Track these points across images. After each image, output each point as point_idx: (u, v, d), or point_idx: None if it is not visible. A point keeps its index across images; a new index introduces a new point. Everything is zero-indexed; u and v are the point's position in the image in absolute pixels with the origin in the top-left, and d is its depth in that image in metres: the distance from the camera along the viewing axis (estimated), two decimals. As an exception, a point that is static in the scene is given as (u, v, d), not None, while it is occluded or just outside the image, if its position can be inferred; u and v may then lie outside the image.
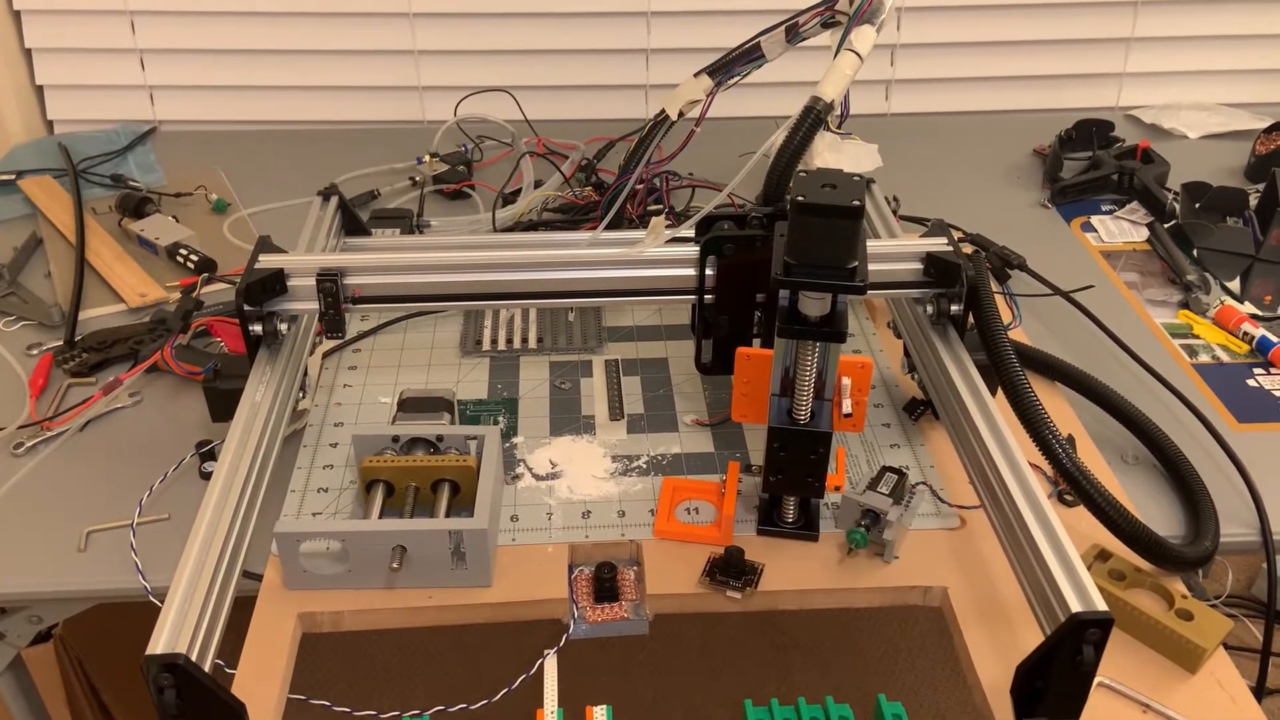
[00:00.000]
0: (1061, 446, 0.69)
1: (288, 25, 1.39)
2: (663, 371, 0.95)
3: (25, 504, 0.83)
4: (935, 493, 0.80)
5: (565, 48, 1.43)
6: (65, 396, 0.93)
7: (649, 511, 0.79)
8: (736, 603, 0.73)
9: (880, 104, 1.49)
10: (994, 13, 1.44)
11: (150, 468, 0.84)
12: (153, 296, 1.06)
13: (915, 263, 0.82)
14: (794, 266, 0.67)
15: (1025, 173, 1.34)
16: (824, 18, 0.91)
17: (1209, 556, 0.74)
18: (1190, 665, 0.68)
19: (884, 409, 0.90)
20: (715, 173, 1.18)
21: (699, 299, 0.84)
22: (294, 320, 0.84)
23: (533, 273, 0.83)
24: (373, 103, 1.45)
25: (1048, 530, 0.65)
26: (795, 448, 0.73)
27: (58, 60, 1.41)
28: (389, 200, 1.25)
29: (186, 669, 0.56)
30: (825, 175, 0.66)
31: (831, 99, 0.80)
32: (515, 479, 0.83)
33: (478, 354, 0.97)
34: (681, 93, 0.97)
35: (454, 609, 0.73)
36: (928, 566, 0.75)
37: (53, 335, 1.01)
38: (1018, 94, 1.50)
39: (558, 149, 1.32)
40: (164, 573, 0.75)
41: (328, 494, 0.81)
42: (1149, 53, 1.48)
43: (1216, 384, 0.96)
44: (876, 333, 1.00)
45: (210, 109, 1.45)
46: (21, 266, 1.12)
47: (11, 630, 0.84)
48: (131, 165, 1.33)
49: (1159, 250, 1.15)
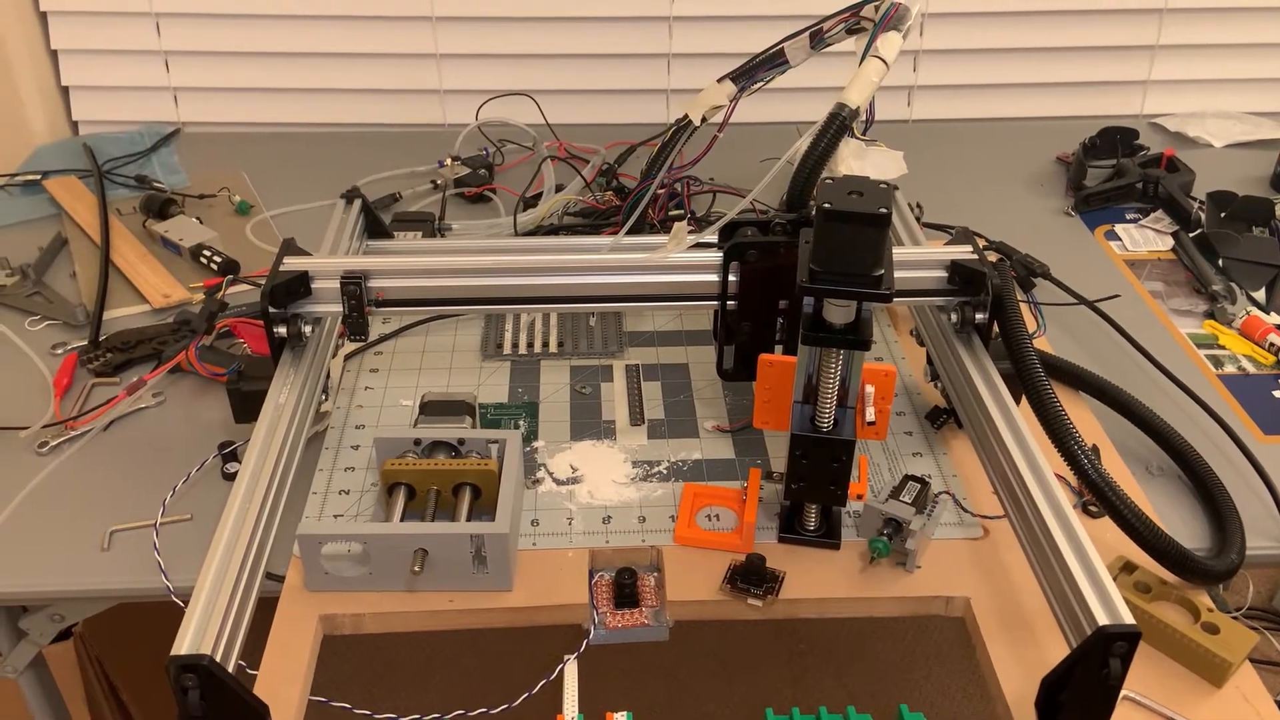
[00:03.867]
0: (1087, 457, 0.69)
1: (311, 28, 1.40)
2: (683, 377, 0.95)
3: (49, 503, 0.83)
4: (958, 502, 0.80)
5: (587, 52, 1.43)
6: (89, 396, 0.94)
7: (669, 517, 0.79)
8: (757, 611, 0.73)
9: (903, 110, 1.49)
10: (1018, 19, 1.44)
11: (173, 468, 0.85)
12: (176, 297, 1.06)
13: (940, 270, 0.82)
14: (819, 273, 0.66)
15: (1048, 180, 1.33)
16: (849, 23, 0.91)
17: (1235, 569, 0.74)
18: (1216, 679, 0.68)
19: (906, 417, 0.89)
20: (736, 178, 1.18)
21: (721, 305, 0.84)
22: (318, 322, 0.84)
23: (555, 277, 0.83)
24: (395, 106, 1.46)
25: (1073, 541, 0.64)
26: (818, 455, 0.73)
27: (83, 61, 1.42)
28: (410, 203, 1.25)
29: (211, 670, 0.56)
30: (852, 182, 0.65)
31: (857, 105, 0.80)
32: (536, 483, 0.83)
33: (498, 358, 0.97)
34: (705, 98, 0.97)
35: (474, 613, 0.73)
36: (950, 576, 0.74)
37: (77, 335, 1.01)
38: (1041, 101, 1.49)
39: (579, 153, 1.32)
40: (186, 573, 0.76)
41: (349, 496, 0.81)
42: (1174, 60, 1.47)
43: (1242, 395, 0.95)
44: (898, 340, 0.99)
45: (233, 111, 1.46)
46: (46, 266, 1.13)
47: (34, 628, 0.84)
48: (155, 166, 1.34)
49: (1184, 260, 1.14)
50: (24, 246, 1.14)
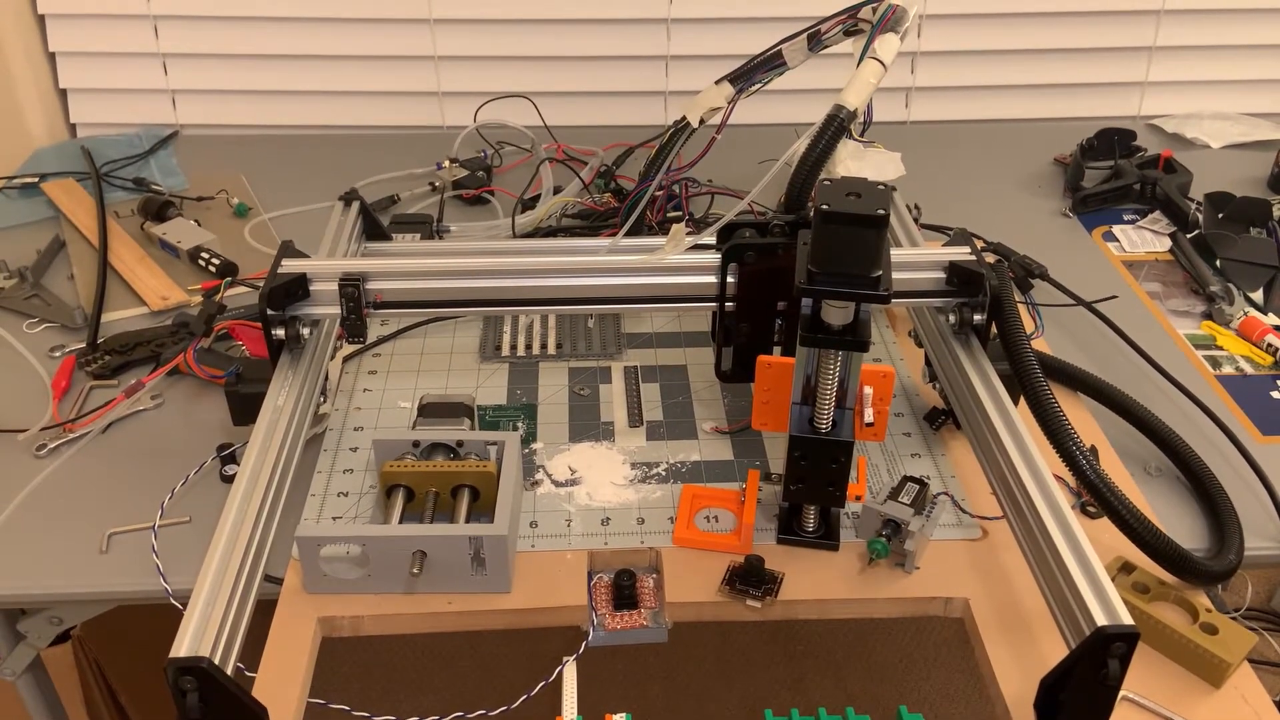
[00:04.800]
0: (1086, 458, 0.69)
1: (309, 30, 1.40)
2: (681, 379, 0.95)
3: (47, 505, 0.83)
4: (957, 503, 0.80)
5: (585, 54, 1.43)
6: (87, 399, 0.94)
7: (668, 519, 0.79)
8: (756, 612, 0.73)
9: (900, 111, 1.49)
10: (1015, 21, 1.44)
11: (171, 470, 0.85)
12: (174, 300, 1.06)
13: (938, 271, 0.82)
14: (817, 275, 0.66)
15: (1046, 181, 1.33)
16: (846, 25, 0.90)
17: (1234, 570, 0.74)
18: (1214, 680, 0.68)
19: (904, 418, 0.90)
20: (734, 180, 1.18)
21: (720, 306, 0.84)
22: (316, 325, 0.84)
23: (554, 279, 0.83)
24: (393, 108, 1.46)
25: (1072, 542, 0.64)
26: (817, 456, 0.73)
27: (81, 64, 1.42)
28: (408, 205, 1.25)
29: (210, 672, 0.56)
30: (850, 184, 0.66)
31: (855, 107, 0.80)
32: (534, 485, 0.83)
33: (497, 359, 0.97)
34: (703, 100, 0.97)
35: (473, 614, 0.73)
36: (949, 577, 0.74)
37: (75, 337, 1.01)
38: (1039, 102, 1.49)
39: (577, 155, 1.32)
40: (184, 575, 0.76)
41: (347, 498, 0.81)
42: (1171, 62, 1.47)
43: (1240, 396, 0.95)
44: (896, 341, 1.00)
45: (232, 113, 1.46)
46: (44, 269, 1.13)
47: (32, 631, 0.84)
48: (153, 169, 1.34)
49: (1181, 261, 1.14)
50: (22, 249, 1.14)
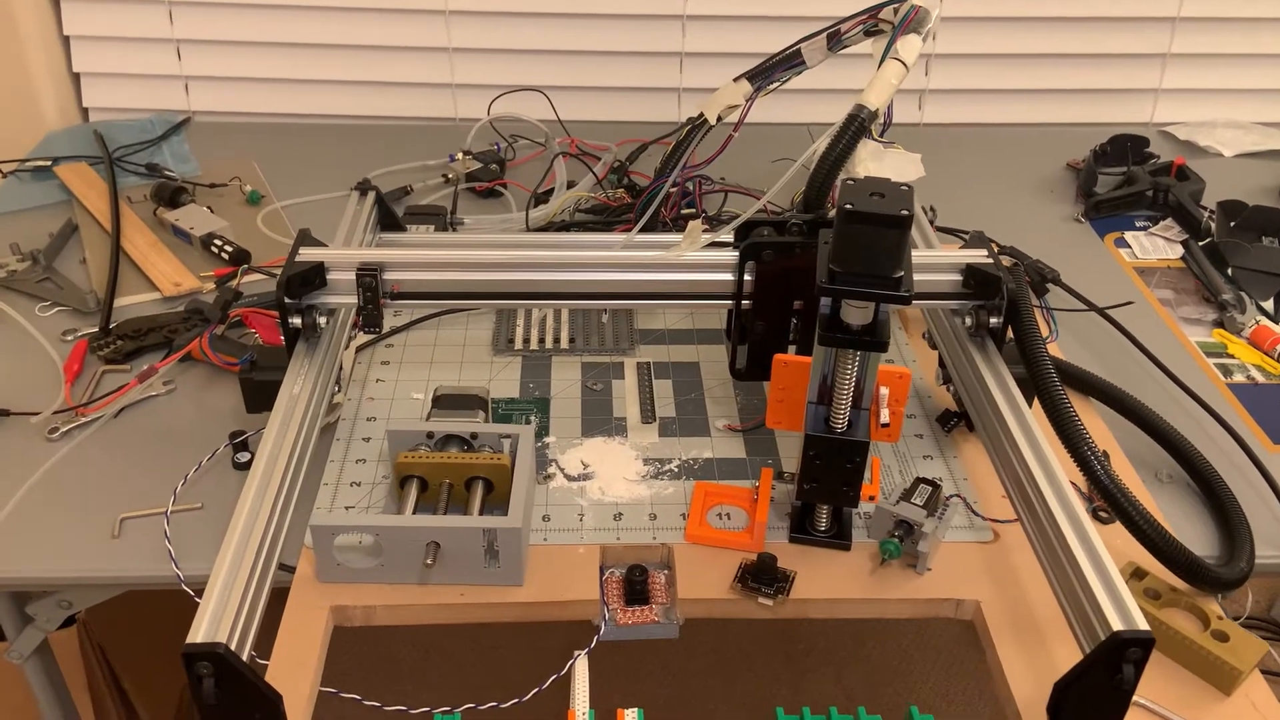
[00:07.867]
0: (1100, 464, 0.69)
1: (324, 19, 1.40)
2: (694, 375, 0.95)
3: (59, 489, 0.83)
4: (969, 505, 0.80)
5: (599, 49, 1.43)
6: (100, 383, 0.94)
7: (680, 515, 0.79)
8: (768, 610, 0.73)
9: (914, 113, 1.49)
10: (1030, 25, 1.44)
11: (183, 456, 0.85)
12: (187, 286, 1.06)
13: (955, 274, 0.82)
14: (839, 274, 0.66)
15: (1059, 186, 1.33)
16: (867, 25, 0.90)
17: (1245, 577, 0.74)
18: (1225, 687, 0.68)
19: (917, 420, 0.90)
20: (748, 178, 1.18)
21: (736, 305, 0.84)
22: (332, 314, 0.84)
23: (570, 273, 0.83)
24: (407, 99, 1.46)
25: (1087, 546, 0.64)
26: (832, 456, 0.73)
27: (95, 48, 1.42)
28: (421, 197, 1.25)
29: (226, 658, 0.56)
30: (873, 184, 0.66)
31: (876, 107, 0.80)
32: (547, 479, 0.83)
33: (510, 353, 0.97)
34: (720, 97, 0.97)
35: (485, 607, 0.73)
36: (961, 579, 0.74)
37: (88, 322, 1.01)
38: (1052, 107, 1.49)
39: (590, 150, 1.32)
40: (196, 561, 0.76)
41: (360, 488, 0.81)
42: (1185, 69, 1.47)
43: (1251, 404, 0.95)
44: (910, 343, 1.00)
45: (244, 101, 1.45)
46: (57, 253, 1.13)
47: (41, 614, 0.84)
48: (166, 155, 1.33)
49: (1194, 268, 1.14)
50: (35, 232, 1.14)
